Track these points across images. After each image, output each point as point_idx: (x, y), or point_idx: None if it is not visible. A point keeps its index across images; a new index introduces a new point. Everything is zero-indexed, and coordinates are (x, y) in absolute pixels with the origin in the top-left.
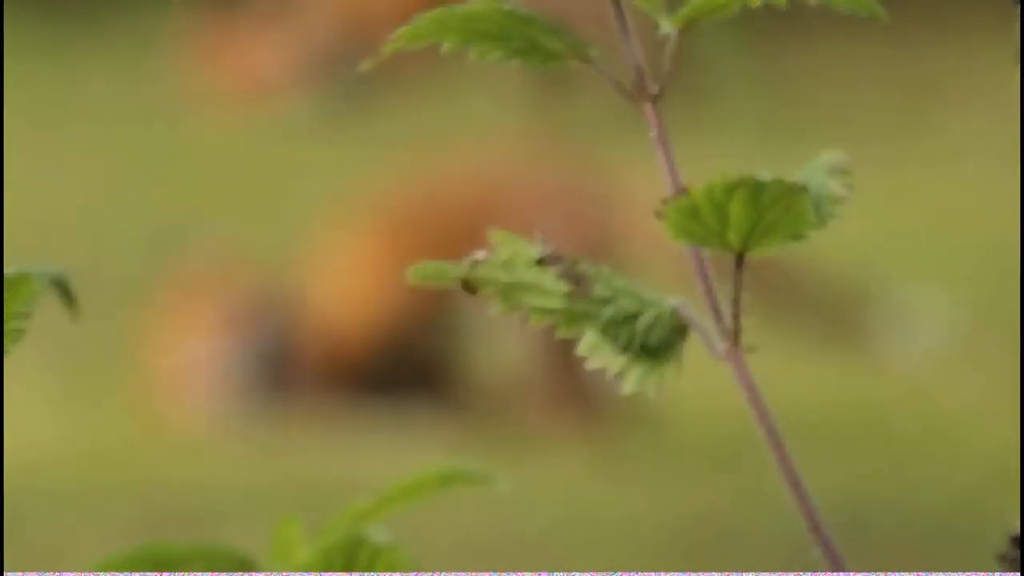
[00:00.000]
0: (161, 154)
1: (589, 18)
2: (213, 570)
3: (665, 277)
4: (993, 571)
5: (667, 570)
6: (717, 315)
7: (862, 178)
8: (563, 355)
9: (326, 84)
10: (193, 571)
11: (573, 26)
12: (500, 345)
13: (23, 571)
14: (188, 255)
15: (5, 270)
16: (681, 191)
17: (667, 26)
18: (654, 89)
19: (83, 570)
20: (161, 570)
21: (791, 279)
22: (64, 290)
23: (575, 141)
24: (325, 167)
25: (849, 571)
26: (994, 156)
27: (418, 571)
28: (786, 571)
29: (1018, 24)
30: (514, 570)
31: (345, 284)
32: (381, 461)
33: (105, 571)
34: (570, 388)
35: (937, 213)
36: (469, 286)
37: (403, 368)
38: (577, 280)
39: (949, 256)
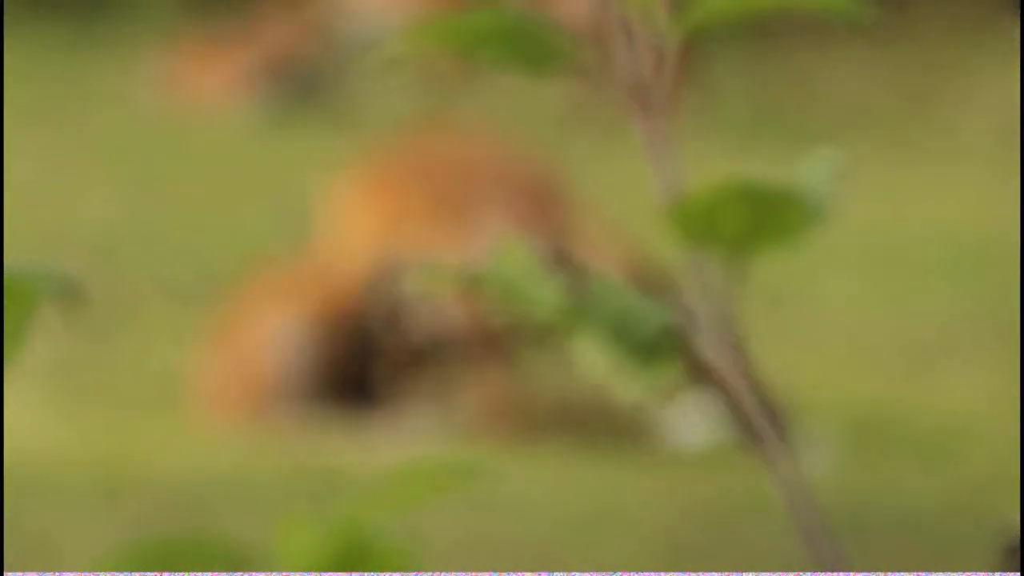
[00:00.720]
0: (152, 154)
1: (590, 26)
2: (212, 568)
3: None
4: (993, 571)
5: (666, 570)
6: (711, 317)
7: (860, 177)
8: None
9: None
10: (192, 569)
11: (575, 34)
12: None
13: (23, 571)
14: (186, 256)
15: (6, 271)
16: (678, 195)
17: (665, 36)
18: (648, 98)
19: (83, 570)
20: (160, 568)
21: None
22: (66, 292)
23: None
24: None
25: (848, 571)
26: (993, 156)
27: (418, 571)
28: (786, 571)
29: (1018, 24)
30: (514, 570)
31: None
32: (382, 455)
33: (104, 570)
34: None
35: (935, 212)
36: (468, 288)
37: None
38: (574, 283)
39: (947, 255)
